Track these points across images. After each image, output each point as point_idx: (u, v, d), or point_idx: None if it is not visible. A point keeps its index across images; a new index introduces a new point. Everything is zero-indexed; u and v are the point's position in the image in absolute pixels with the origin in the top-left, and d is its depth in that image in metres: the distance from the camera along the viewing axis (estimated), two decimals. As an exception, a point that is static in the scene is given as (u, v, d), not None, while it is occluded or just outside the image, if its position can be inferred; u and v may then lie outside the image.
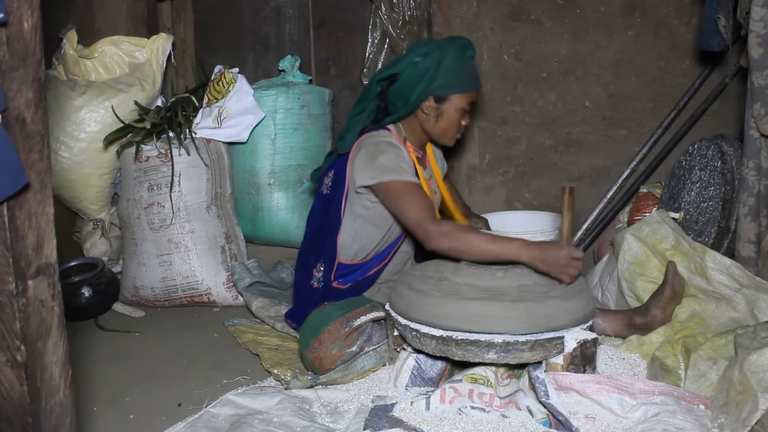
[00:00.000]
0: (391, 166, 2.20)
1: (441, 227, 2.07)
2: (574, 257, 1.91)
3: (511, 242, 1.99)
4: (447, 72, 2.23)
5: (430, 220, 2.10)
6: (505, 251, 1.98)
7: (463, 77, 2.26)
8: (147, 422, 1.99)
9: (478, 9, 3.35)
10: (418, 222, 2.12)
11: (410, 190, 2.18)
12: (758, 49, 2.30)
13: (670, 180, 2.97)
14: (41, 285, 1.03)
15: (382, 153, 2.22)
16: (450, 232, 2.05)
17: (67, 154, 3.15)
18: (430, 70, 2.24)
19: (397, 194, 2.19)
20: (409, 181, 2.19)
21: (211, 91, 3.19)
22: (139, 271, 3.04)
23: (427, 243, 2.10)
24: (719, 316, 2.15)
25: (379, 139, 2.27)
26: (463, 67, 2.26)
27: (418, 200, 2.15)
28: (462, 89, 2.27)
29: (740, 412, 1.62)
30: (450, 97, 2.27)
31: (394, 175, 2.19)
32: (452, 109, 2.29)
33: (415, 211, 2.13)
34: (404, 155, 2.27)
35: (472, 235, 2.03)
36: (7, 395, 1.03)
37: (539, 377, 1.81)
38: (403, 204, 2.17)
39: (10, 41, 0.96)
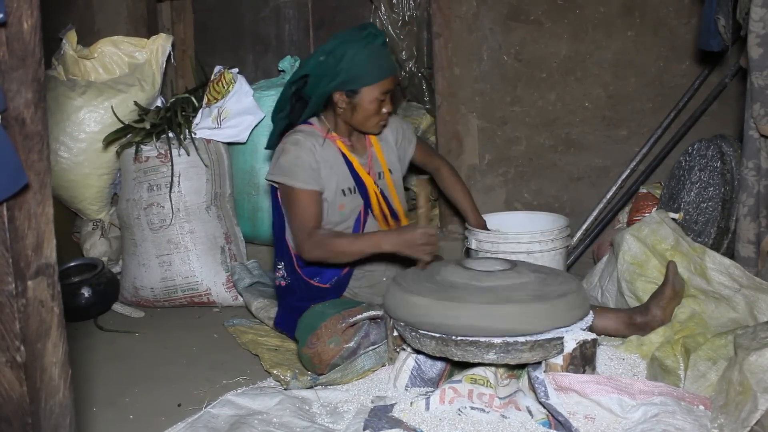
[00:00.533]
0: (287, 168, 2.27)
1: (314, 239, 2.22)
2: (427, 233, 2.08)
3: (371, 236, 2.20)
4: (351, 67, 2.24)
5: (308, 232, 2.23)
6: (368, 246, 2.18)
7: (369, 69, 2.25)
8: (147, 423, 1.99)
9: (477, 9, 3.35)
10: (297, 232, 2.27)
11: (296, 197, 2.27)
12: (758, 50, 2.30)
13: (670, 180, 2.97)
14: (41, 285, 1.03)
15: (284, 153, 2.30)
16: (320, 242, 2.22)
17: (67, 154, 3.15)
18: (333, 68, 2.25)
19: (285, 197, 2.32)
20: (299, 188, 2.26)
21: (210, 91, 3.19)
22: (138, 271, 3.04)
23: (303, 255, 2.28)
24: (719, 316, 2.15)
25: (290, 137, 2.33)
26: (368, 58, 2.25)
27: (300, 210, 2.26)
28: (369, 81, 2.26)
29: (740, 413, 1.62)
30: (360, 90, 2.27)
31: (287, 178, 2.27)
32: (365, 101, 2.29)
33: (296, 220, 2.27)
34: (305, 158, 2.28)
35: (336, 241, 2.22)
36: (6, 396, 1.03)
37: (539, 378, 1.81)
38: (290, 210, 2.30)
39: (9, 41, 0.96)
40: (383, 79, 2.28)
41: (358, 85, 2.27)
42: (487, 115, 3.42)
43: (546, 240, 2.72)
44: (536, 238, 2.72)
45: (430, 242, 2.09)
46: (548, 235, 2.73)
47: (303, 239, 2.25)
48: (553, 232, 2.75)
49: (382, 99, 2.30)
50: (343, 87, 2.27)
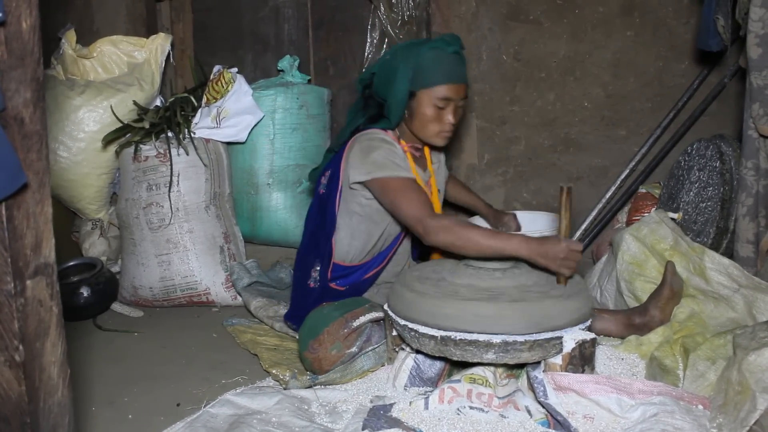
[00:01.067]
0: (384, 162, 2.19)
1: (440, 222, 2.06)
2: (573, 249, 1.91)
3: (511, 238, 1.99)
4: (414, 67, 2.21)
5: (429, 215, 2.09)
6: (505, 247, 1.97)
7: (431, 71, 2.20)
8: (145, 422, 1.99)
9: (476, 9, 3.35)
10: (417, 217, 2.11)
11: (406, 186, 2.16)
12: (757, 50, 2.30)
13: (669, 180, 2.98)
14: (39, 285, 1.03)
15: (375, 149, 2.22)
16: (449, 227, 2.04)
17: (66, 153, 3.14)
18: (398, 67, 2.22)
19: (392, 190, 2.18)
20: (404, 177, 2.18)
21: (209, 91, 3.19)
22: (137, 271, 3.04)
23: (426, 238, 2.09)
24: (718, 316, 2.15)
25: (373, 136, 2.27)
26: (432, 61, 2.20)
27: (415, 196, 2.14)
28: (429, 83, 2.21)
29: (739, 413, 1.62)
30: (419, 92, 2.23)
31: (388, 171, 2.18)
32: (423, 105, 2.23)
33: (413, 207, 2.12)
34: (398, 151, 2.26)
35: (472, 231, 2.02)
36: (5, 395, 1.03)
37: (538, 377, 1.81)
38: (400, 200, 2.16)
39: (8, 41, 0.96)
40: (443, 84, 2.20)
41: (417, 87, 2.22)
42: (486, 114, 3.42)
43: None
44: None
45: (573, 258, 1.92)
46: (547, 235, 2.73)
47: (426, 223, 2.08)
48: (553, 231, 2.75)
49: (440, 106, 2.22)
50: (402, 87, 2.22)
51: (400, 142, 2.33)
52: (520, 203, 3.47)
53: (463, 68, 2.26)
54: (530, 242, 1.96)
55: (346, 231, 2.36)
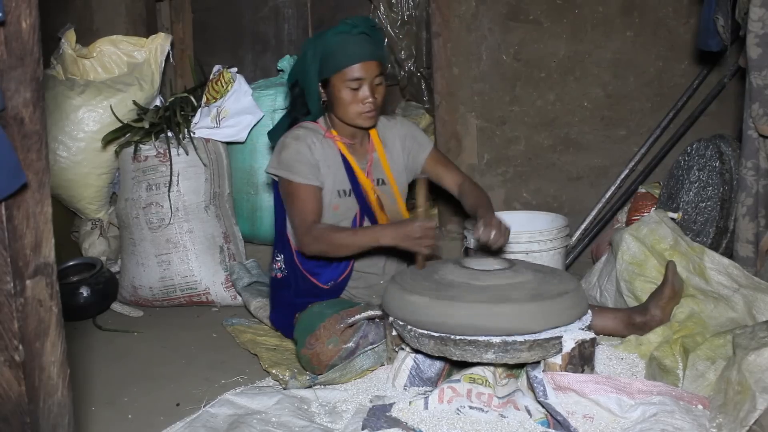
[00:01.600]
0: (287, 162, 2.27)
1: (314, 232, 2.21)
2: (426, 227, 2.06)
3: (371, 230, 2.20)
4: (319, 56, 2.25)
5: (308, 226, 2.22)
6: (366, 239, 2.17)
7: (336, 56, 2.23)
8: (145, 422, 1.99)
9: (476, 9, 3.35)
10: (297, 227, 2.26)
11: (296, 192, 2.26)
12: (756, 50, 2.30)
13: (669, 180, 2.98)
14: (39, 285, 1.03)
15: (284, 147, 2.30)
16: (320, 236, 2.20)
17: (66, 153, 3.14)
18: (306, 60, 2.27)
19: (285, 193, 2.30)
20: (298, 183, 2.25)
21: (209, 90, 3.18)
22: (137, 270, 3.04)
23: (302, 249, 2.27)
24: (717, 316, 2.15)
25: (293, 132, 2.33)
26: (337, 45, 2.23)
27: (300, 204, 2.25)
28: (337, 68, 2.23)
29: (738, 412, 1.62)
30: (330, 79, 2.26)
31: (287, 172, 2.26)
32: (336, 90, 2.26)
33: (296, 215, 2.26)
34: (305, 153, 2.27)
35: (336, 235, 2.21)
36: (5, 395, 1.03)
37: (537, 377, 1.81)
38: (288, 204, 2.29)
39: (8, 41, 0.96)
40: (348, 66, 2.22)
41: (327, 74, 2.26)
42: (486, 114, 3.42)
43: (545, 239, 2.72)
44: (535, 238, 2.72)
45: (428, 235, 2.07)
46: (547, 235, 2.73)
47: (303, 233, 2.23)
48: (552, 231, 2.75)
49: (354, 87, 2.23)
50: (313, 77, 2.27)
51: (331, 133, 2.36)
52: (520, 203, 3.46)
53: (371, 47, 2.27)
54: (387, 229, 2.15)
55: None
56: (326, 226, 2.26)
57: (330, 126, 2.38)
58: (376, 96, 2.27)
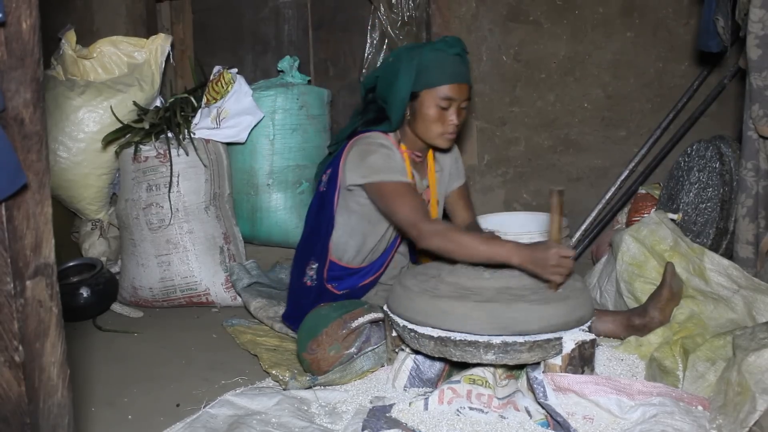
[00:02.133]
0: (381, 166, 2.21)
1: (434, 226, 2.08)
2: (563, 256, 1.88)
3: (503, 245, 2.00)
4: (414, 69, 2.21)
5: (423, 219, 2.11)
6: (497, 253, 1.98)
7: (433, 72, 2.21)
8: (145, 423, 1.99)
9: (476, 10, 3.35)
10: (411, 221, 2.12)
11: (401, 190, 2.18)
12: (756, 51, 2.30)
13: (669, 181, 2.98)
14: (39, 285, 1.03)
15: (371, 153, 2.23)
16: (443, 231, 2.06)
17: (66, 154, 3.14)
18: (400, 69, 2.23)
19: (387, 194, 2.19)
20: (400, 181, 2.19)
21: (209, 91, 3.18)
22: (137, 271, 3.04)
23: (420, 242, 2.11)
24: (717, 317, 2.15)
25: (371, 140, 2.27)
26: (434, 62, 2.21)
27: (410, 200, 2.16)
28: (431, 84, 2.21)
29: (738, 414, 1.62)
30: (421, 93, 2.23)
31: (384, 175, 2.20)
32: (425, 106, 2.23)
33: (407, 210, 2.14)
34: (395, 155, 2.26)
35: (465, 236, 2.05)
36: (5, 395, 1.03)
37: (537, 378, 1.81)
38: (395, 204, 2.17)
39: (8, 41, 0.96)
40: (444, 84, 2.20)
41: (419, 88, 2.22)
42: (486, 115, 3.43)
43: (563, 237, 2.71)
44: (535, 239, 2.71)
45: (563, 265, 1.89)
46: (546, 235, 2.73)
47: (420, 226, 2.10)
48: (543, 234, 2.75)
49: (443, 106, 2.21)
50: (405, 88, 2.22)
51: (400, 147, 2.33)
52: (520, 204, 3.47)
53: (465, 69, 2.26)
54: (521, 249, 1.95)
55: (343, 229, 2.36)
56: (451, 224, 2.20)
57: (400, 139, 2.35)
58: (460, 119, 2.26)
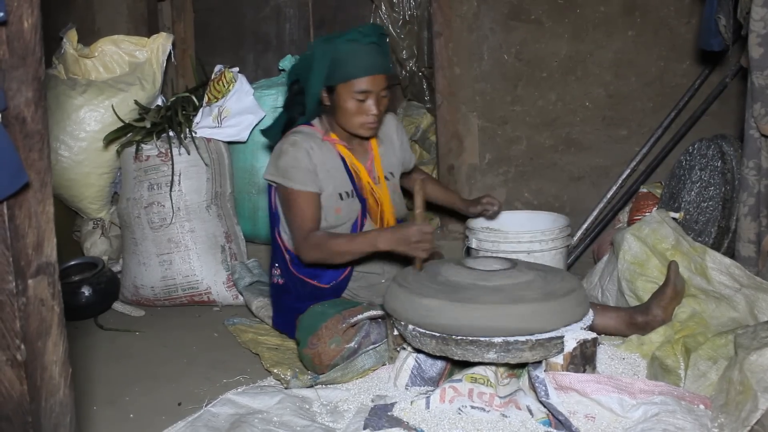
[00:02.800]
0: (285, 169, 2.26)
1: (312, 240, 2.22)
2: (424, 231, 2.05)
3: (367, 235, 2.18)
4: (329, 63, 2.21)
5: (306, 234, 2.23)
6: (364, 245, 2.17)
7: (347, 65, 2.20)
8: (147, 421, 1.99)
9: (478, 8, 3.34)
10: (296, 234, 2.27)
11: (295, 199, 2.25)
12: (758, 49, 2.30)
13: (670, 180, 2.97)
14: (41, 284, 1.03)
15: (283, 154, 2.28)
16: (318, 243, 2.21)
17: (67, 153, 3.15)
18: (313, 63, 2.24)
19: (284, 199, 2.30)
20: (297, 189, 2.25)
21: (211, 90, 3.19)
22: (139, 270, 3.04)
23: (301, 257, 2.27)
24: (719, 315, 2.15)
25: (289, 138, 2.31)
26: (347, 55, 2.20)
27: (298, 211, 2.25)
28: (345, 77, 2.20)
29: (740, 412, 1.62)
30: (337, 87, 2.24)
31: (284, 179, 2.26)
32: (342, 99, 2.24)
33: (295, 222, 2.26)
34: (303, 159, 2.26)
35: (333, 241, 2.21)
36: (7, 394, 1.03)
37: (539, 377, 1.81)
38: (289, 211, 2.29)
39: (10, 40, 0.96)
40: (360, 77, 2.20)
41: (334, 81, 2.23)
42: (488, 114, 3.42)
43: (546, 239, 2.72)
44: (537, 238, 2.72)
45: (425, 239, 2.06)
46: (549, 235, 2.73)
47: (301, 241, 2.24)
48: (554, 231, 2.75)
49: (360, 99, 2.22)
50: (317, 82, 2.24)
51: (330, 135, 2.35)
52: (522, 203, 3.46)
53: (381, 59, 2.25)
54: (384, 233, 2.15)
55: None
56: (324, 233, 2.25)
57: (328, 129, 2.37)
58: (380, 108, 2.27)
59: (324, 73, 2.23)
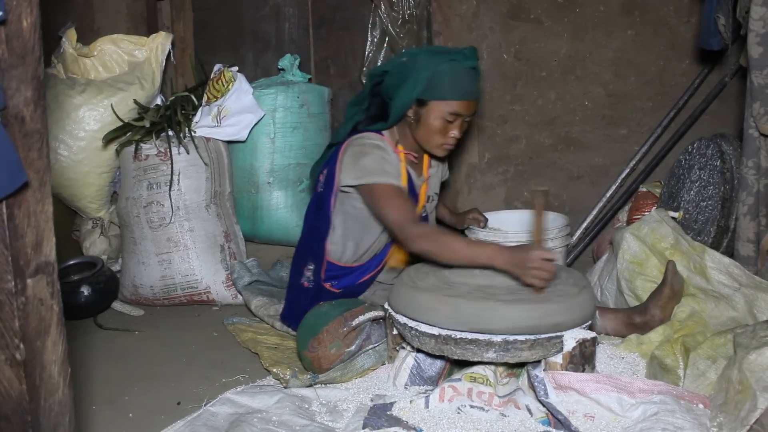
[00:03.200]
0: (374, 168, 2.21)
1: (420, 229, 2.10)
2: (545, 258, 1.86)
3: (486, 247, 2.00)
4: (429, 77, 2.18)
5: (410, 223, 2.13)
6: (479, 256, 1.98)
7: (446, 85, 2.19)
8: (146, 421, 1.99)
9: (477, 8, 3.34)
10: (398, 224, 2.14)
11: (391, 193, 2.19)
12: (758, 48, 2.30)
13: (670, 179, 2.97)
14: (40, 283, 1.03)
15: (366, 155, 2.24)
16: (428, 234, 2.08)
17: (67, 152, 3.14)
18: (413, 73, 2.20)
19: (378, 196, 2.21)
20: (391, 184, 2.20)
21: (210, 89, 3.18)
22: (138, 269, 3.04)
23: (406, 244, 2.14)
24: (718, 315, 2.15)
25: (366, 141, 2.28)
26: (450, 75, 2.18)
27: (399, 203, 2.17)
28: (442, 96, 2.19)
29: (739, 412, 1.62)
30: (430, 102, 2.21)
31: (376, 177, 2.20)
32: (431, 116, 2.22)
33: (395, 213, 2.16)
34: (390, 158, 2.26)
35: (449, 238, 2.06)
36: (6, 393, 1.03)
37: (538, 376, 1.81)
38: (384, 206, 2.19)
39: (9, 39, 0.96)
40: (456, 100, 2.19)
41: (429, 97, 2.20)
42: (487, 113, 3.42)
43: (546, 239, 2.72)
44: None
45: (544, 268, 1.86)
46: (548, 234, 2.73)
47: (408, 230, 2.11)
48: (553, 230, 2.75)
49: (449, 120, 2.21)
50: (414, 94, 2.21)
51: (397, 147, 2.33)
52: (521, 202, 3.47)
53: (477, 85, 2.26)
54: (503, 252, 1.94)
55: (340, 231, 2.37)
56: (437, 227, 2.23)
57: (398, 140, 2.35)
58: (461, 132, 2.27)
59: (422, 85, 2.19)
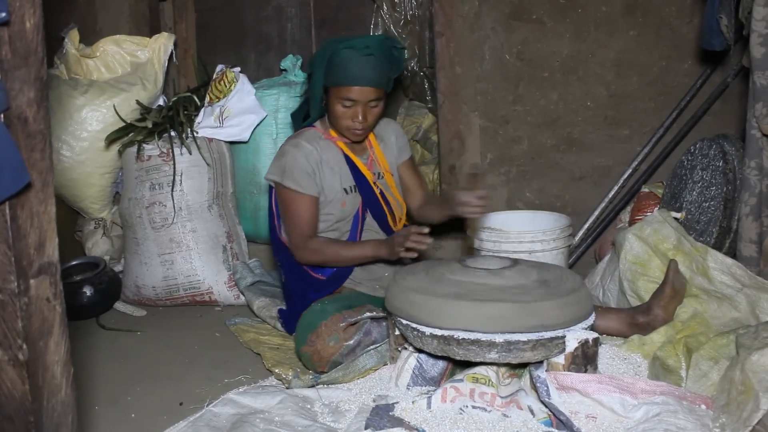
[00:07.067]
0: (286, 170, 2.32)
1: (309, 246, 2.33)
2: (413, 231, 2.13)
3: (367, 245, 2.33)
4: (327, 65, 2.27)
5: (303, 240, 2.32)
6: (365, 252, 2.32)
7: (339, 72, 2.25)
8: (148, 421, 1.99)
9: (479, 8, 3.34)
10: (295, 233, 2.34)
11: (295, 201, 2.33)
12: (760, 49, 2.30)
13: (672, 180, 2.97)
14: (43, 284, 1.03)
15: (285, 154, 2.35)
16: (317, 249, 2.33)
17: (69, 153, 3.15)
18: (317, 63, 2.31)
19: (283, 200, 2.36)
20: (298, 192, 2.31)
21: (212, 90, 3.19)
22: (140, 270, 3.05)
23: (298, 256, 2.37)
24: (721, 315, 2.14)
25: (292, 139, 2.40)
26: (342, 61, 2.24)
27: (300, 213, 2.33)
28: (336, 83, 2.27)
29: (742, 412, 1.62)
30: (330, 89, 2.30)
31: (286, 180, 2.32)
32: (331, 102, 2.32)
33: (294, 224, 2.33)
34: (309, 159, 2.33)
35: (335, 247, 2.34)
36: (8, 394, 1.03)
37: (540, 377, 1.81)
38: (286, 212, 2.36)
39: (12, 40, 0.96)
40: (346, 85, 2.25)
41: (327, 84, 2.30)
42: (489, 114, 3.42)
43: (548, 239, 2.72)
44: (538, 238, 2.72)
45: (407, 236, 2.13)
46: (550, 235, 2.73)
47: (299, 246, 2.34)
48: (555, 231, 2.75)
49: (346, 105, 2.28)
50: (320, 83, 2.31)
51: (330, 134, 2.41)
52: (523, 203, 3.46)
53: (374, 72, 2.25)
54: (382, 243, 2.29)
55: None
56: (324, 240, 2.36)
57: (328, 126, 2.43)
58: (368, 118, 2.32)
59: (322, 73, 2.29)
